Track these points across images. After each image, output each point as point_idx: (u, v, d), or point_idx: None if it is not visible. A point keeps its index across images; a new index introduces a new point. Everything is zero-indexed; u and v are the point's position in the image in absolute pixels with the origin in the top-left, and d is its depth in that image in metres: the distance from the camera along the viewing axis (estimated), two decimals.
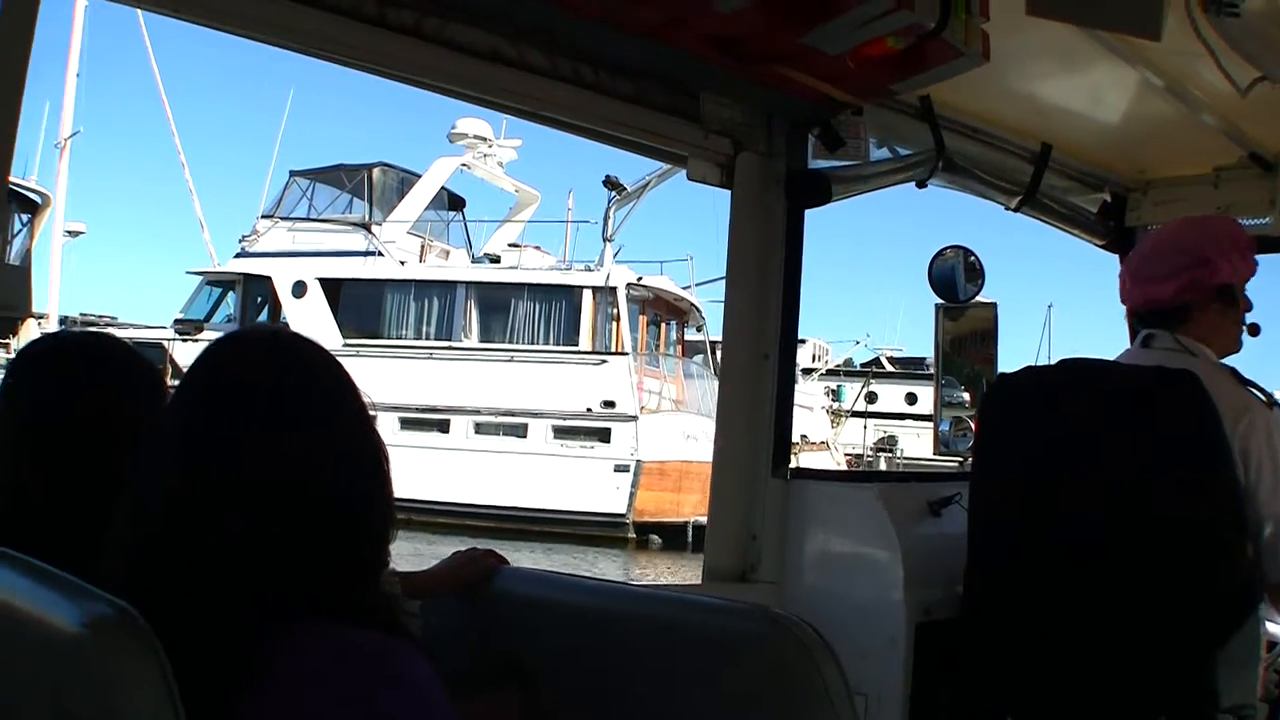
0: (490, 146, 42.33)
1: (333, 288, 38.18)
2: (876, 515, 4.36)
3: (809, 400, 49.32)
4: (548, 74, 3.99)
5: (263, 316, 38.46)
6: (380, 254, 38.55)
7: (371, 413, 2.26)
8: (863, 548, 4.46)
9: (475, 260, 41.95)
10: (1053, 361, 4.23)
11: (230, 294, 40.29)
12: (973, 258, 5.38)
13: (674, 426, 36.33)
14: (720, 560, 4.62)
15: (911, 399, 62.91)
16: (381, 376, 30.42)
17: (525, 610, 3.05)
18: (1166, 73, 4.60)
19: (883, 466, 52.78)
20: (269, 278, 38.51)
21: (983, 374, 5.41)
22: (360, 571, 2.13)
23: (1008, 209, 5.46)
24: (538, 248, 41.81)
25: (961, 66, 4.06)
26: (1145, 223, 5.94)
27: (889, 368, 69.18)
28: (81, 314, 42.99)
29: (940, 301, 5.41)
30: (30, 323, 31.35)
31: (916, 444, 55.73)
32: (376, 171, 40.78)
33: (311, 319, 36.15)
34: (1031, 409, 4.03)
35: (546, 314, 37.26)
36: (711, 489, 4.72)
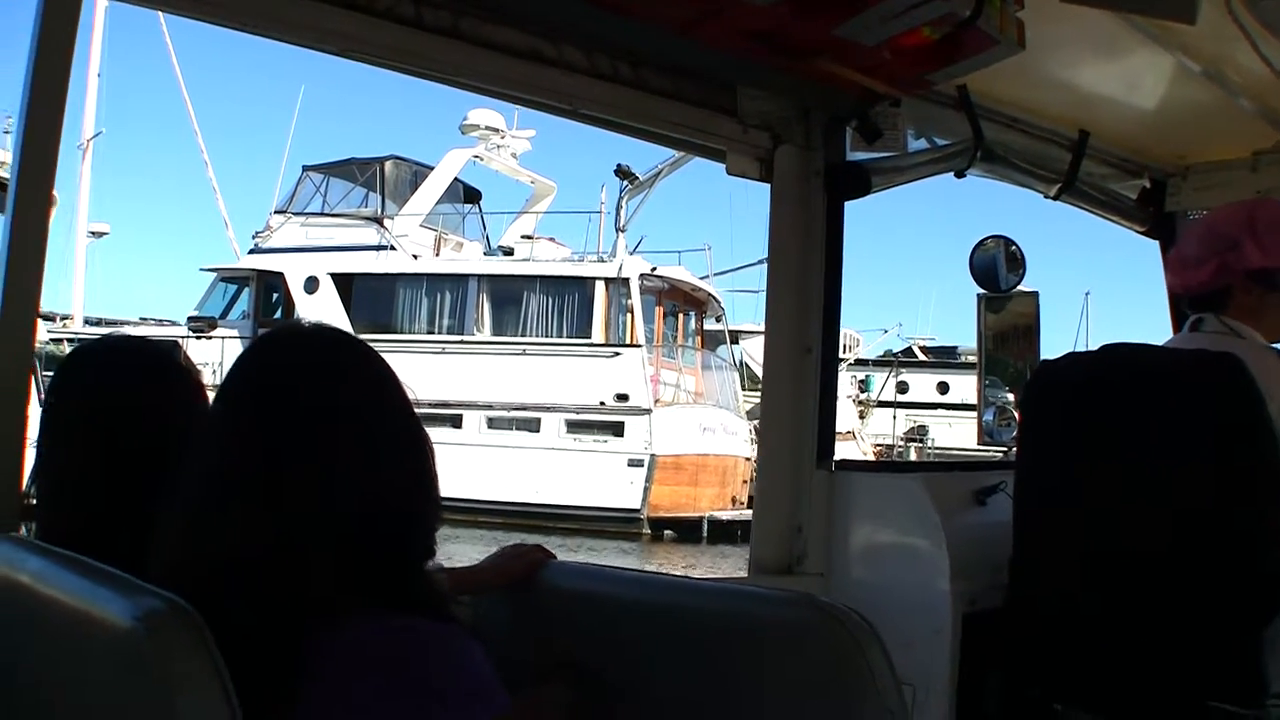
0: (503, 138, 42.12)
1: (344, 283, 37.96)
2: (922, 505, 4.36)
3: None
4: (586, 72, 4.02)
5: (277, 313, 38.37)
6: (392, 248, 38.17)
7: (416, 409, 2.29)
8: (908, 538, 4.46)
9: (489, 253, 41.59)
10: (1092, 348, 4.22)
11: (245, 290, 40.17)
12: (1014, 247, 5.37)
13: (690, 419, 35.97)
14: (766, 553, 4.64)
15: (943, 388, 62.35)
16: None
17: (573, 604, 3.06)
18: (1203, 57, 4.58)
19: (913, 457, 52.52)
20: (281, 274, 38.39)
21: (1025, 366, 5.40)
22: (409, 560, 2.16)
23: (1047, 197, 5.45)
24: (552, 239, 41.30)
25: (998, 55, 4.07)
26: (1185, 208, 5.92)
27: (922, 357, 68.55)
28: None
29: (982, 291, 5.40)
30: (39, 323, 31.40)
31: (949, 434, 55.12)
32: (389, 165, 40.41)
33: (324, 315, 35.08)
34: (1073, 395, 4.01)
35: (559, 306, 36.90)
36: (757, 482, 4.76)
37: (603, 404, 35.05)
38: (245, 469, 2.06)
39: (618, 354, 35.69)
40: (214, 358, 28.53)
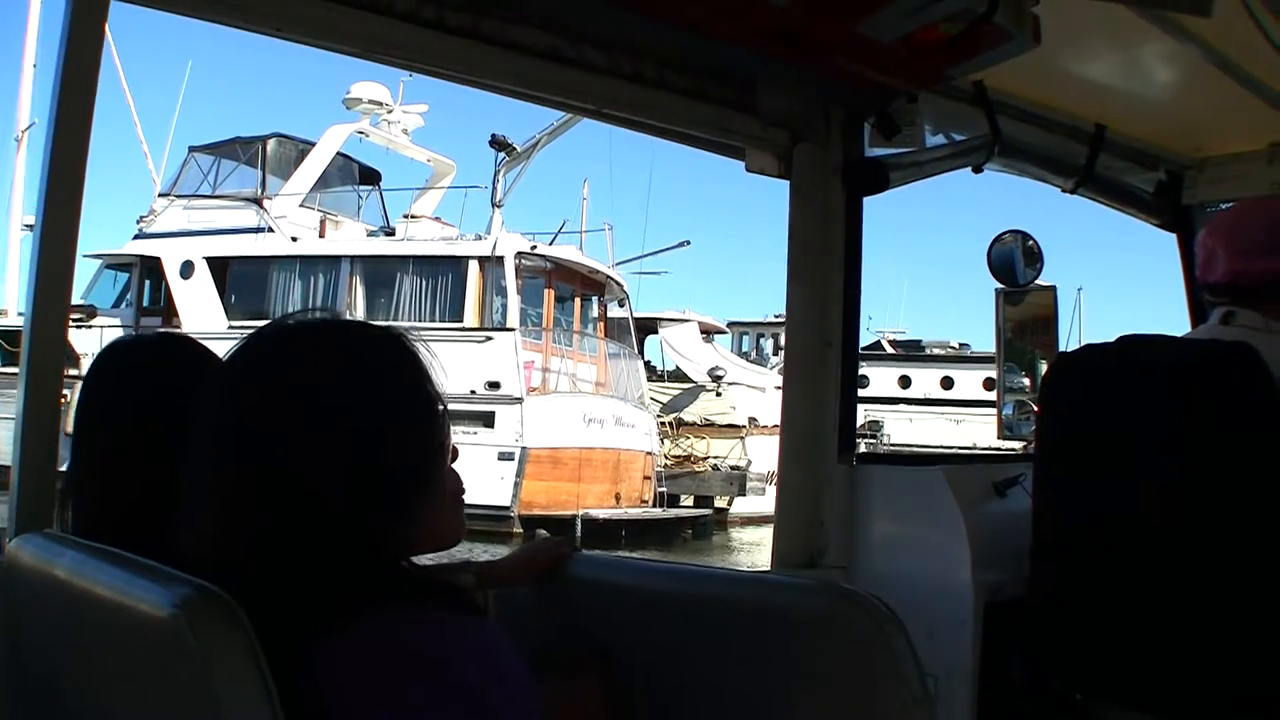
0: (391, 112, 40.90)
1: (220, 267, 36.46)
2: (942, 497, 4.38)
3: (761, 381, 46.81)
4: (606, 71, 4.06)
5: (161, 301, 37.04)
6: (271, 230, 36.60)
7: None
8: (930, 529, 4.48)
9: (372, 234, 39.66)
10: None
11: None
12: (1031, 242, 5.39)
13: (571, 409, 34.08)
14: (789, 546, 4.67)
15: (905, 382, 62.10)
16: None
17: (600, 595, 3.08)
18: (1218, 50, 4.58)
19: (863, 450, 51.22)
20: (159, 259, 37.10)
21: (1043, 358, 5.43)
22: (421, 550, 2.16)
23: (1064, 191, 5.47)
24: (438, 219, 40.00)
25: (1014, 50, 4.09)
26: (1202, 200, 5.93)
27: (890, 350, 68.15)
28: None
29: (1000, 286, 5.43)
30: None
31: (908, 429, 54.54)
32: (271, 143, 38.91)
33: (199, 301, 35.02)
34: (1090, 387, 4.02)
35: (433, 288, 35.18)
36: (779, 476, 4.79)
37: (473, 393, 32.59)
38: (248, 464, 2.03)
39: (490, 339, 33.77)
40: (93, 348, 27.54)
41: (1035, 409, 5.00)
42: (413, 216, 39.97)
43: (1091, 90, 5.18)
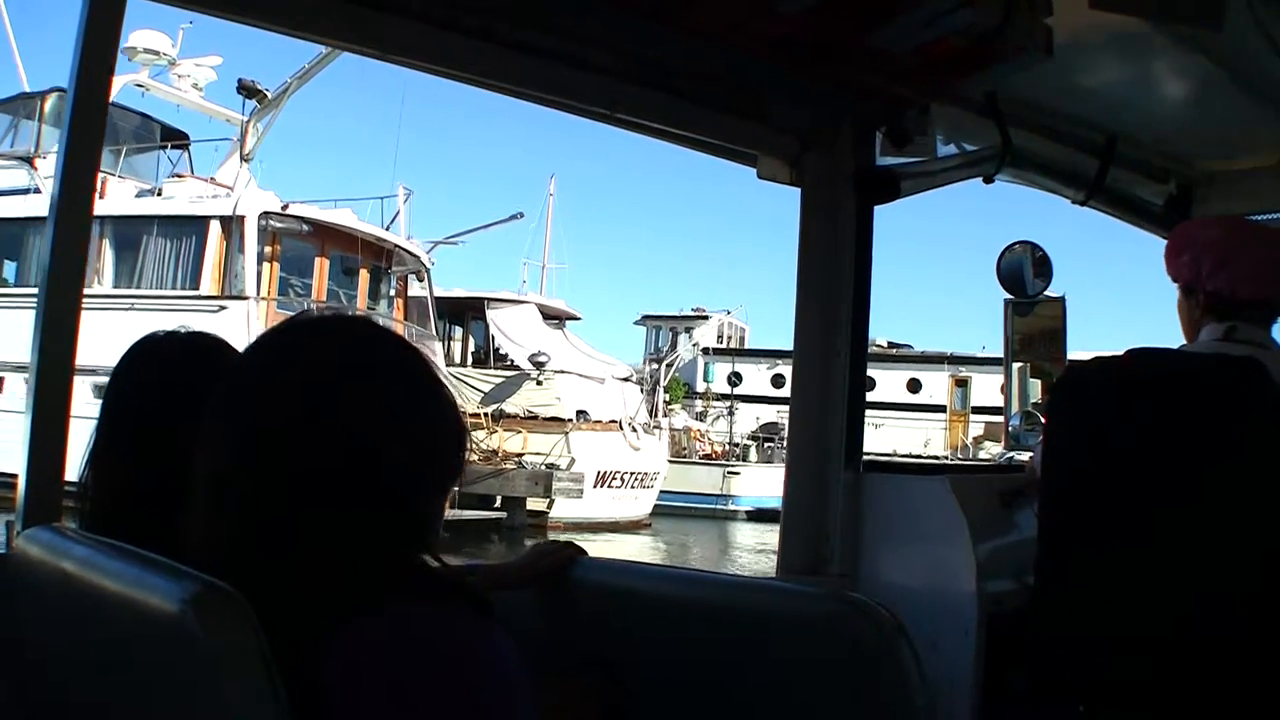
0: (177, 65, 37.32)
1: None
2: (948, 506, 4.38)
3: (600, 372, 41.26)
4: (619, 76, 4.07)
5: None
6: (38, 191, 32.31)
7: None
8: (934, 539, 4.47)
9: (140, 194, 34.54)
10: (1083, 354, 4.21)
11: None
12: (1040, 252, 5.39)
13: None
14: (793, 553, 4.68)
15: None
16: (11, 331, 23.90)
17: (603, 599, 3.08)
18: (1229, 65, 4.59)
19: (753, 458, 49.49)
20: None
21: (1051, 369, 5.43)
22: (428, 548, 2.16)
23: (1074, 203, 5.45)
24: (212, 180, 35.00)
25: (1025, 62, 4.10)
26: (1211, 215, 5.92)
27: None
28: None
29: (1009, 297, 5.43)
30: None
31: None
32: (51, 98, 34.43)
33: None
34: (1099, 399, 4.01)
35: (177, 251, 32.09)
36: (785, 483, 4.78)
37: None
38: (252, 462, 2.02)
39: (223, 308, 30.60)
40: None
41: (1042, 420, 4.99)
42: (178, 176, 36.02)
43: (1103, 102, 5.17)
